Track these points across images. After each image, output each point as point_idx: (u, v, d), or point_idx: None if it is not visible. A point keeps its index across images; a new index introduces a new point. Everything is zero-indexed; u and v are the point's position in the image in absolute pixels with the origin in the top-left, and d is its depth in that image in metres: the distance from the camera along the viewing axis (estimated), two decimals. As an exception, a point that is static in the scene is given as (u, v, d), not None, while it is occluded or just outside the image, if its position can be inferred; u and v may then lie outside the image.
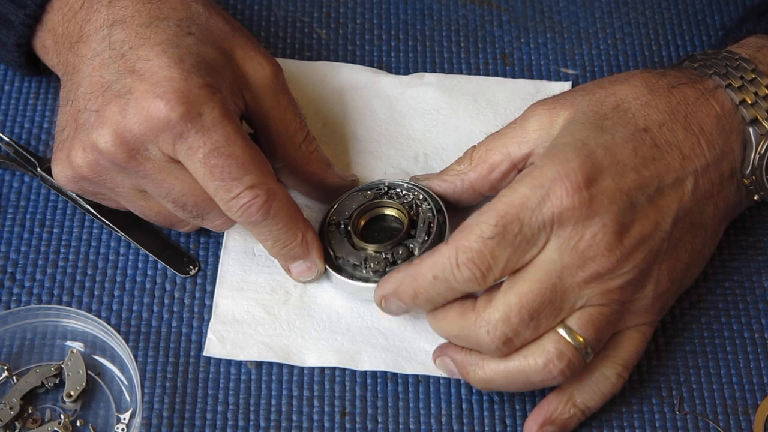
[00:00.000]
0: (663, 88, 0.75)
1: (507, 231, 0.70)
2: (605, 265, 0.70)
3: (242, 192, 0.72)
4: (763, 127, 0.74)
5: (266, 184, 0.73)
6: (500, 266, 0.70)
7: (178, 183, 0.74)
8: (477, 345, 0.72)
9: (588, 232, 0.70)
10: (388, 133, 0.86)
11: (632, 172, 0.71)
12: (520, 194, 0.70)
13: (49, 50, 0.81)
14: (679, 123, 0.73)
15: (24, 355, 0.77)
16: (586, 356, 0.71)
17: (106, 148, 0.73)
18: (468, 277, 0.70)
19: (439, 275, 0.71)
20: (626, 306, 0.72)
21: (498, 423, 0.76)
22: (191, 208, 0.75)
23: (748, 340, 0.79)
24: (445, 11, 0.94)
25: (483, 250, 0.70)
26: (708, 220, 0.74)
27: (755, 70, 0.75)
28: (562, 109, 0.75)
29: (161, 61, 0.72)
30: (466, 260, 0.70)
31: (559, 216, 0.70)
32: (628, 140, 0.72)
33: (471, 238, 0.70)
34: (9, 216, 0.82)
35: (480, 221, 0.70)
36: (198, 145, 0.72)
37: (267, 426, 0.75)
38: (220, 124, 0.72)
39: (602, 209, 0.70)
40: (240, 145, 0.72)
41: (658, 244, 0.71)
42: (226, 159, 0.72)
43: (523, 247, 0.70)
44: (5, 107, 0.87)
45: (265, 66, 0.77)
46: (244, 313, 0.78)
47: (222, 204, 0.73)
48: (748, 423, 0.76)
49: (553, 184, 0.70)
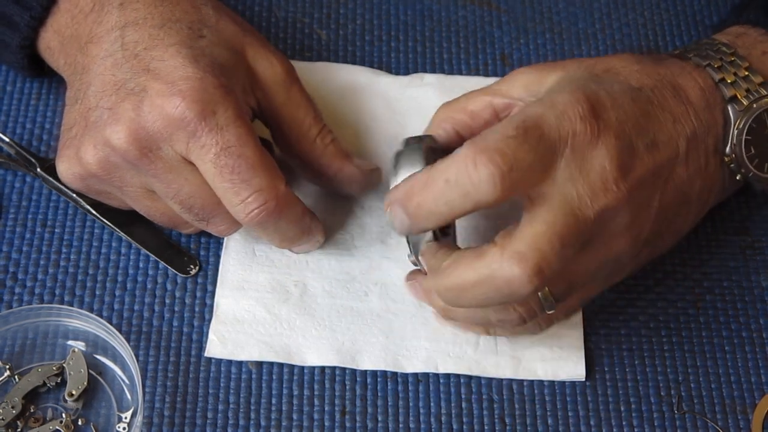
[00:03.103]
0: (650, 61, 0.75)
1: (529, 134, 0.66)
2: (611, 199, 0.67)
3: (251, 195, 0.72)
4: (741, 104, 0.74)
5: (275, 187, 0.73)
6: (521, 172, 0.65)
7: (187, 184, 0.74)
8: (505, 284, 0.66)
9: (597, 163, 0.67)
10: (388, 133, 0.87)
11: (632, 117, 0.70)
12: (536, 111, 0.68)
13: (54, 52, 0.81)
14: (668, 90, 0.74)
15: (26, 354, 0.77)
16: (547, 308, 0.70)
17: (119, 145, 0.73)
18: (486, 177, 0.64)
19: (451, 178, 0.65)
20: (610, 262, 0.71)
21: (498, 422, 0.76)
22: (198, 210, 0.75)
23: (746, 339, 0.80)
24: (445, 12, 0.94)
25: (505, 149, 0.65)
26: (695, 195, 0.74)
27: (735, 53, 0.76)
28: (552, 71, 0.74)
29: (176, 61, 0.73)
30: (486, 159, 0.64)
31: (572, 138, 0.67)
32: (625, 92, 0.72)
33: (491, 138, 0.65)
34: (11, 216, 0.83)
35: (500, 125, 0.66)
36: (210, 144, 0.72)
37: (267, 425, 0.75)
38: (233, 125, 0.72)
39: (609, 142, 0.68)
40: (251, 147, 0.72)
41: (650, 200, 0.71)
42: (236, 159, 0.72)
43: (543, 157, 0.66)
44: (7, 108, 0.87)
45: (275, 64, 0.77)
46: (244, 313, 0.79)
47: (230, 207, 0.73)
48: (747, 422, 0.76)
49: (567, 107, 0.68)
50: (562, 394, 0.77)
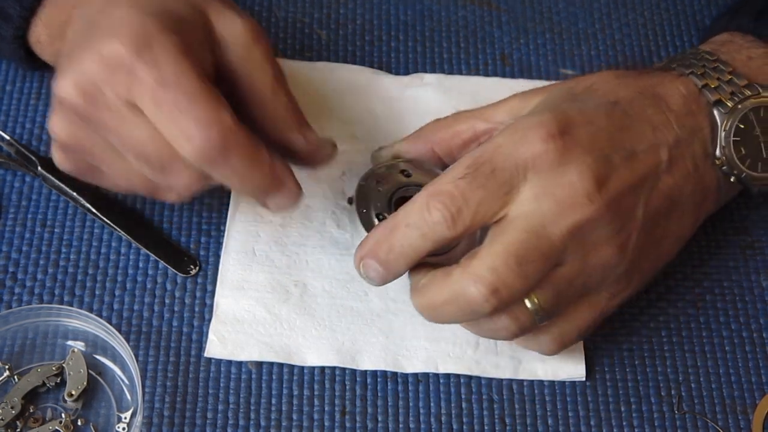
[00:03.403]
0: (631, 76, 0.76)
1: (479, 172, 0.69)
2: (586, 213, 0.69)
3: (193, 128, 0.69)
4: (726, 106, 0.75)
5: (220, 120, 0.69)
6: (471, 209, 0.69)
7: (137, 130, 0.71)
8: (467, 303, 0.69)
9: (565, 180, 0.69)
10: (388, 133, 0.87)
11: (605, 132, 0.71)
12: (494, 143, 0.70)
13: (44, 45, 0.81)
14: (647, 100, 0.74)
15: (25, 354, 0.77)
16: (539, 319, 0.71)
17: (67, 98, 0.71)
18: (437, 219, 0.69)
19: (410, 222, 0.69)
20: (595, 271, 0.71)
21: (498, 422, 0.76)
22: (155, 161, 0.72)
23: (746, 339, 0.80)
24: (445, 12, 0.94)
25: (453, 191, 0.69)
26: (686, 200, 0.74)
27: (718, 60, 0.76)
28: (535, 96, 0.76)
29: (122, 11, 0.71)
30: (436, 202, 0.69)
31: (534, 161, 0.69)
32: (599, 107, 0.73)
33: (443, 181, 0.69)
34: (10, 216, 0.82)
35: (454, 167, 0.70)
36: (148, 79, 0.69)
37: (267, 425, 0.75)
38: (172, 59, 0.69)
39: (578, 158, 0.69)
40: (192, 80, 0.69)
41: (634, 209, 0.71)
42: (175, 93, 0.69)
43: (495, 191, 0.69)
44: (6, 107, 0.87)
45: (237, 23, 0.75)
46: (244, 313, 0.79)
47: (177, 146, 0.70)
48: (747, 422, 0.76)
49: (528, 131, 0.70)
50: (563, 395, 0.77)
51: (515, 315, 0.71)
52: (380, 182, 0.77)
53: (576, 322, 0.74)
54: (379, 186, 0.77)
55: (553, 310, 0.71)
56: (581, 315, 0.73)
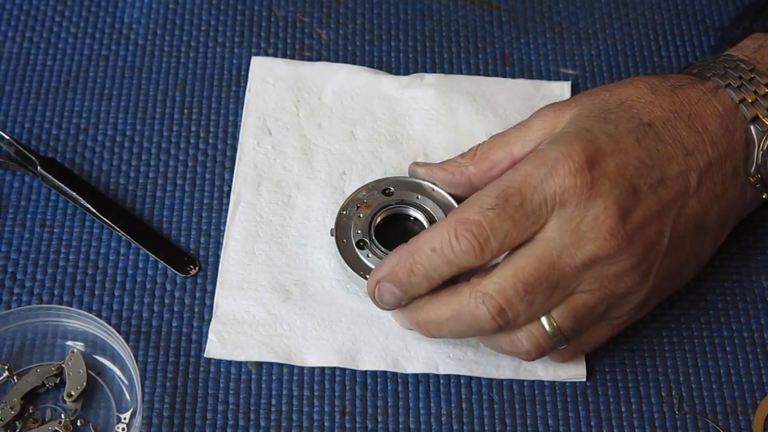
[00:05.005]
0: (666, 89, 0.75)
1: (508, 204, 0.70)
2: (606, 248, 0.70)
3: None
4: (764, 125, 0.74)
5: None
6: (499, 239, 0.70)
7: None
8: (473, 319, 0.71)
9: (590, 214, 0.70)
10: (388, 133, 0.87)
11: (635, 160, 0.72)
12: (522, 172, 0.71)
13: None
14: (682, 121, 0.74)
15: (25, 354, 0.77)
16: (558, 343, 0.72)
17: None
18: (466, 248, 0.70)
19: (437, 248, 0.71)
20: (616, 298, 0.72)
21: (498, 423, 0.76)
22: None
23: (747, 339, 0.79)
24: (445, 11, 0.94)
25: (482, 222, 0.70)
26: (711, 222, 0.74)
27: (753, 70, 0.76)
28: (567, 109, 0.76)
29: None
30: (464, 231, 0.70)
31: (561, 195, 0.70)
32: (631, 131, 0.73)
33: (471, 210, 0.71)
34: (10, 216, 0.82)
35: (482, 195, 0.71)
36: None
37: (267, 426, 0.75)
38: None
39: (604, 192, 0.70)
40: None
41: (659, 236, 0.72)
42: None
43: (523, 223, 0.70)
44: (6, 107, 0.87)
45: None
46: (244, 313, 0.79)
47: None
48: (748, 422, 0.76)
49: (557, 164, 0.70)
50: (563, 395, 0.77)
51: (535, 339, 0.72)
52: (360, 207, 0.79)
53: (593, 339, 0.75)
54: (360, 212, 0.79)
55: (572, 336, 0.73)
56: (598, 332, 0.75)
